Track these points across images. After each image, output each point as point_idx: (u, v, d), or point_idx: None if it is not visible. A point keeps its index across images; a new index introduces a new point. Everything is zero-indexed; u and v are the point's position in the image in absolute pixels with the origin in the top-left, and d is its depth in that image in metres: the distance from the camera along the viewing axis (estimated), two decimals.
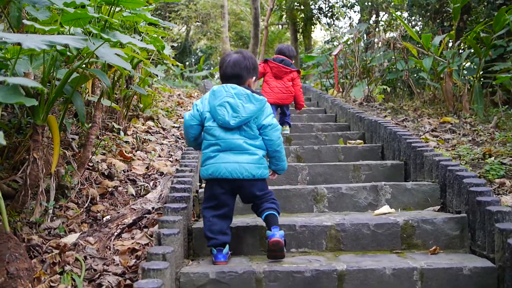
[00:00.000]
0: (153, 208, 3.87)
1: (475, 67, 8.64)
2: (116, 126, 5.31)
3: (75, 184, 3.99)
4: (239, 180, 2.85)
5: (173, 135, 6.24)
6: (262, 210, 2.89)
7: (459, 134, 6.20)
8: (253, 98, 2.89)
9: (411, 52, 8.00)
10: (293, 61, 6.26)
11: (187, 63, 23.47)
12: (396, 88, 9.22)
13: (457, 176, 3.35)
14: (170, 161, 5.12)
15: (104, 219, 3.68)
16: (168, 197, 3.18)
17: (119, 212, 3.77)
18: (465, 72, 8.06)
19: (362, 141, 5.33)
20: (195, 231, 3.12)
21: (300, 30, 18.53)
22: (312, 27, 18.63)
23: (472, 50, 7.55)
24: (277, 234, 2.76)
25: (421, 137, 5.98)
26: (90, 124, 4.36)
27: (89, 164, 4.45)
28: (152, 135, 6.03)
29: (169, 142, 5.83)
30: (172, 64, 8.33)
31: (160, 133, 6.22)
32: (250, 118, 2.88)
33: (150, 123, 6.47)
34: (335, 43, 11.04)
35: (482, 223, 2.92)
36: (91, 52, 3.55)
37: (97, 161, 4.62)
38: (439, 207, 3.55)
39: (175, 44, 23.85)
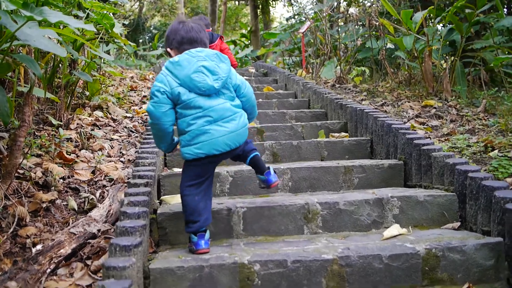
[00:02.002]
0: (99, 230, 3.06)
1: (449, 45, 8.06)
2: (54, 121, 4.40)
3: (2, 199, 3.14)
4: (235, 149, 2.68)
5: (125, 127, 5.38)
6: (246, 156, 2.84)
7: (446, 120, 5.58)
8: (223, 57, 2.72)
9: (388, 30, 7.31)
10: (210, 28, 6.26)
11: (141, 41, 22.30)
12: (367, 68, 8.54)
13: (483, 186, 2.66)
14: (122, 161, 4.28)
15: (34, 250, 2.84)
16: (117, 228, 2.37)
17: (54, 239, 2.94)
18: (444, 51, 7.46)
19: (347, 134, 4.60)
20: (154, 274, 2.33)
21: (260, 6, 17.63)
22: (274, 2, 17.76)
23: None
24: (273, 178, 2.84)
25: (405, 123, 5.33)
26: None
27: (19, 171, 3.58)
28: (100, 128, 5.15)
29: (120, 137, 4.97)
30: (124, 44, 7.45)
31: (109, 125, 5.34)
32: (227, 78, 2.68)
33: (98, 113, 5.58)
34: (301, 19, 10.24)
35: None
36: (11, 33, 2.71)
37: (30, 167, 3.76)
38: (458, 223, 2.86)
39: (127, 22, 22.62)
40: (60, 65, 5.12)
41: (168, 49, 2.83)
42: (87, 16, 5.80)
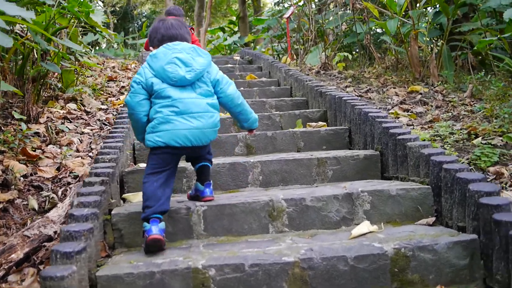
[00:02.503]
0: (55, 232, 2.88)
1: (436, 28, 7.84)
2: (17, 115, 4.21)
3: None
4: (196, 147, 2.64)
5: (98, 119, 5.18)
6: (198, 162, 2.82)
7: (432, 106, 5.40)
8: (200, 51, 2.73)
9: (373, 13, 7.10)
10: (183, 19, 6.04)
11: (130, 29, 21.99)
12: (354, 53, 8.32)
13: (458, 179, 2.49)
14: (90, 157, 4.10)
15: None
16: (61, 233, 2.20)
17: (5, 243, 2.77)
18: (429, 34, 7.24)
19: (324, 123, 4.41)
20: (100, 282, 2.16)
21: None
22: None
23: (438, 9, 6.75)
24: (209, 193, 2.80)
25: (389, 111, 5.15)
26: None
27: None
28: (71, 121, 4.96)
29: (91, 130, 4.78)
30: (105, 33, 7.27)
31: (82, 118, 5.14)
32: (203, 72, 2.68)
33: (71, 105, 5.38)
34: (286, 4, 9.98)
35: (504, 251, 2.08)
36: None
37: None
38: (433, 218, 2.69)
39: (116, 9, 22.29)
40: (29, 56, 4.92)
41: (151, 48, 2.86)
42: (59, 3, 5.59)
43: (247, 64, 8.93)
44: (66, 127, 4.66)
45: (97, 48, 18.35)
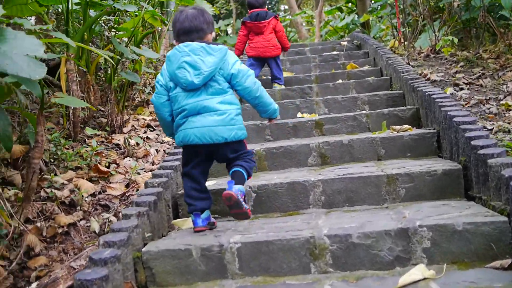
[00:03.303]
0: None
1: None
2: (89, 131, 4.24)
3: (13, 227, 3.02)
4: (211, 145, 2.69)
5: None
6: (231, 168, 2.76)
7: None
8: (211, 49, 2.70)
9: None
10: (265, 7, 6.26)
11: None
12: (470, 31, 7.45)
13: None
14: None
15: None
16: (75, 281, 2.09)
17: (51, 275, 2.76)
18: None
19: (409, 126, 3.91)
20: None
21: None
22: None
23: None
24: (232, 188, 2.60)
25: (500, 102, 4.48)
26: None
27: (46, 190, 3.47)
28: (154, 129, 4.95)
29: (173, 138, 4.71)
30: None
31: None
32: (214, 72, 2.69)
33: None
34: None
35: None
36: None
37: (63, 183, 3.64)
38: (509, 261, 2.20)
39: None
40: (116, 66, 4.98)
41: (174, 42, 2.89)
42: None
43: (354, 50, 8.41)
44: (147, 136, 4.66)
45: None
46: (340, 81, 6.09)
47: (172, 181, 3.18)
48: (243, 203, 2.58)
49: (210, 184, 3.22)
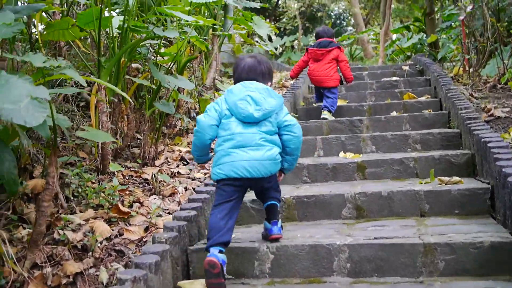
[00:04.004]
0: None
1: None
2: (113, 167, 4.03)
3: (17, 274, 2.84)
4: (257, 178, 2.74)
5: None
6: (266, 200, 2.91)
7: None
8: (273, 93, 2.85)
9: None
10: (334, 39, 6.27)
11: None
12: None
13: None
14: None
15: None
16: None
17: None
18: None
19: (461, 179, 3.44)
20: None
21: None
22: None
23: None
24: (276, 231, 2.85)
25: None
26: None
27: (60, 231, 3.28)
28: (188, 163, 4.70)
29: (205, 175, 4.45)
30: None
31: None
32: (272, 112, 2.81)
33: None
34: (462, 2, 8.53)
35: None
36: None
37: (80, 224, 3.44)
38: None
39: (304, 10, 22.04)
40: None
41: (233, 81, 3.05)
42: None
43: (416, 76, 7.87)
44: (178, 171, 4.41)
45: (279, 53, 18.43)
46: (394, 113, 5.65)
47: (184, 235, 2.89)
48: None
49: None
